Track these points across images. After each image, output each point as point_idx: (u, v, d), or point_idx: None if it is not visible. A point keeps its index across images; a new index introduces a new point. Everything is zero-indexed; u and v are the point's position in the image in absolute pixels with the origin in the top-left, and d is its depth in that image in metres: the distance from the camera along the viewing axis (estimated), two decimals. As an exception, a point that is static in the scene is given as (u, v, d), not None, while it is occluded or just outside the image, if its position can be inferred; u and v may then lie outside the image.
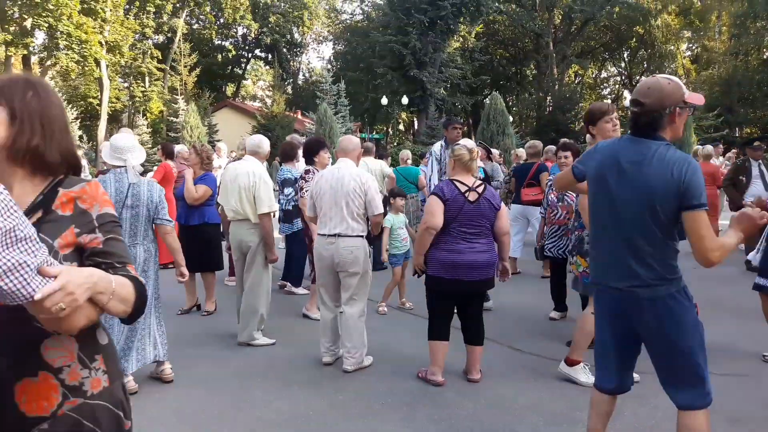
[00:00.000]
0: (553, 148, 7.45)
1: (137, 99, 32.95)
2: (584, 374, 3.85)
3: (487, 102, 23.53)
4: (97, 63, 28.29)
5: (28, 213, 1.28)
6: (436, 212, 3.66)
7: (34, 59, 28.20)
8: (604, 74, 43.55)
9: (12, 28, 25.22)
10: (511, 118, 25.34)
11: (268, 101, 30.46)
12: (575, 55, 37.26)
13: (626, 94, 31.87)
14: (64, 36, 25.37)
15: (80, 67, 27.33)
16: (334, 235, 4.08)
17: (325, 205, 4.14)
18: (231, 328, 4.97)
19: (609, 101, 39.39)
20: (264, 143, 5.00)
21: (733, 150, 12.97)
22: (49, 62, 27.60)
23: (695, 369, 2.30)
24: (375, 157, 7.68)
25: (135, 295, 1.32)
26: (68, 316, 1.16)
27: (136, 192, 3.73)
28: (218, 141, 13.38)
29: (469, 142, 4.13)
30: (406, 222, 5.89)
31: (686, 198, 2.15)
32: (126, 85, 34.01)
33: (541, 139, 9.27)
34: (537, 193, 6.95)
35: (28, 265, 1.08)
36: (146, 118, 31.17)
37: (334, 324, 4.26)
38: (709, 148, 9.56)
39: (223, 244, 5.90)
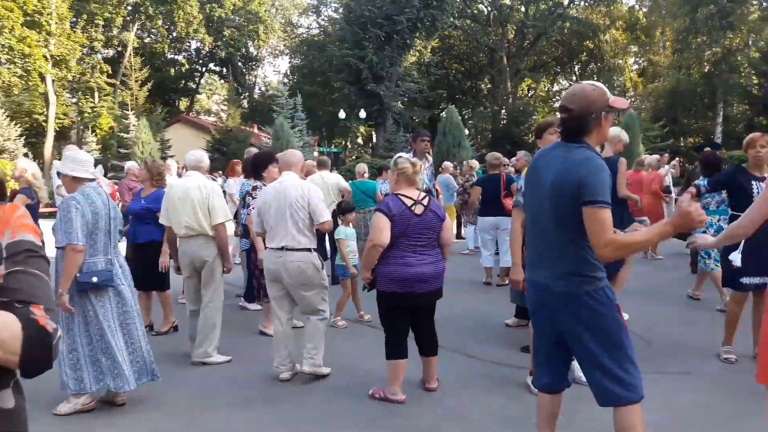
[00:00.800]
0: (521, 154, 7.28)
1: (86, 115, 31.88)
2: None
3: (444, 115, 23.88)
4: (42, 77, 27.36)
5: None
6: (383, 228, 3.63)
7: (-28, 73, 27.05)
8: (556, 87, 44.83)
9: (-52, 42, 24.18)
10: (467, 131, 25.77)
11: (223, 115, 30.00)
12: (528, 69, 38.33)
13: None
14: (6, 50, 24.48)
15: (24, 82, 26.37)
16: (281, 248, 4.06)
17: (272, 219, 4.11)
18: (183, 347, 4.82)
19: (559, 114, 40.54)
20: (205, 158, 4.95)
21: (676, 159, 13.44)
22: (-11, 77, 26.51)
23: (609, 368, 2.32)
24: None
25: (22, 339, 1.00)
26: None
27: (113, 204, 3.77)
28: (171, 157, 13.02)
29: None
30: (355, 236, 5.83)
31: (582, 194, 2.23)
32: (74, 100, 32.88)
33: (496, 151, 9.28)
34: None
35: None
36: (96, 135, 30.16)
37: (287, 337, 4.20)
38: (654, 157, 9.74)
39: (171, 263, 5.71)
